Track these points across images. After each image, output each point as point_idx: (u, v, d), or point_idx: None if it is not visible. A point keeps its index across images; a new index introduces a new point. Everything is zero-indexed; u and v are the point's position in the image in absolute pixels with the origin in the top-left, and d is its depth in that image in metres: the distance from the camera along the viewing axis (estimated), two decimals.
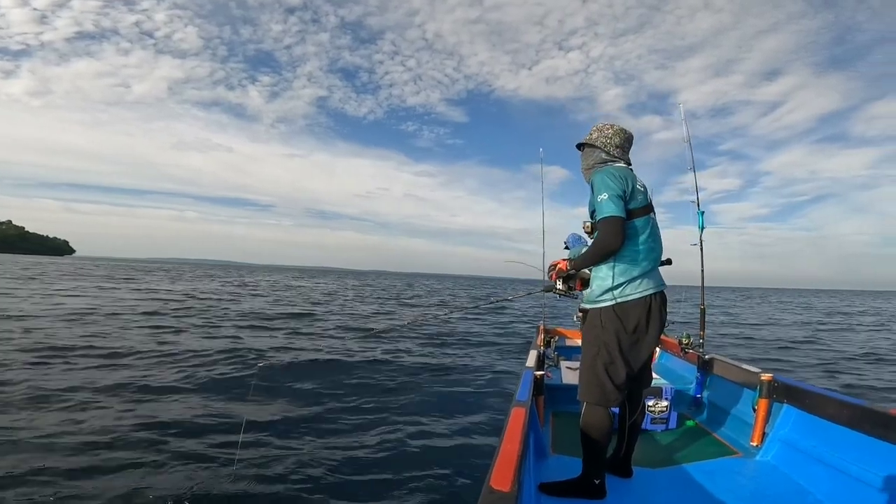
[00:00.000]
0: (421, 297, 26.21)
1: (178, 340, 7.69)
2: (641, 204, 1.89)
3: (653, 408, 2.81)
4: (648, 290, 1.86)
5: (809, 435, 2.19)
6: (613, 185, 1.81)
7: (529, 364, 2.73)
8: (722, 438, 2.67)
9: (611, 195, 1.78)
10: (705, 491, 2.01)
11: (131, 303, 13.50)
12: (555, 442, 2.58)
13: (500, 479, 1.11)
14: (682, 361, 3.74)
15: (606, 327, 1.85)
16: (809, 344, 10.70)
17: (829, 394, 2.20)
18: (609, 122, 2.05)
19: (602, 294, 1.87)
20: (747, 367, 2.77)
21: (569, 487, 1.89)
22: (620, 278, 1.84)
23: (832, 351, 9.64)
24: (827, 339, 11.85)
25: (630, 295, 1.83)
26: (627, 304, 1.83)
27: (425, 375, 6.09)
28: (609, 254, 1.83)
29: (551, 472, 2.10)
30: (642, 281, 1.86)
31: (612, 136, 2.01)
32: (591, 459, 1.86)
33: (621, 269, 1.85)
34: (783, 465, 2.24)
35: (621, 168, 1.94)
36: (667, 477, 2.16)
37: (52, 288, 17.29)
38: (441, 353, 7.81)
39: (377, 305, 17.93)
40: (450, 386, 5.60)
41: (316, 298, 19.82)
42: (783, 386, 2.43)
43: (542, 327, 4.93)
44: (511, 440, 1.41)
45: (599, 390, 1.83)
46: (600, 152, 2.01)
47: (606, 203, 1.78)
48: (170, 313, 11.39)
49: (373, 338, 8.66)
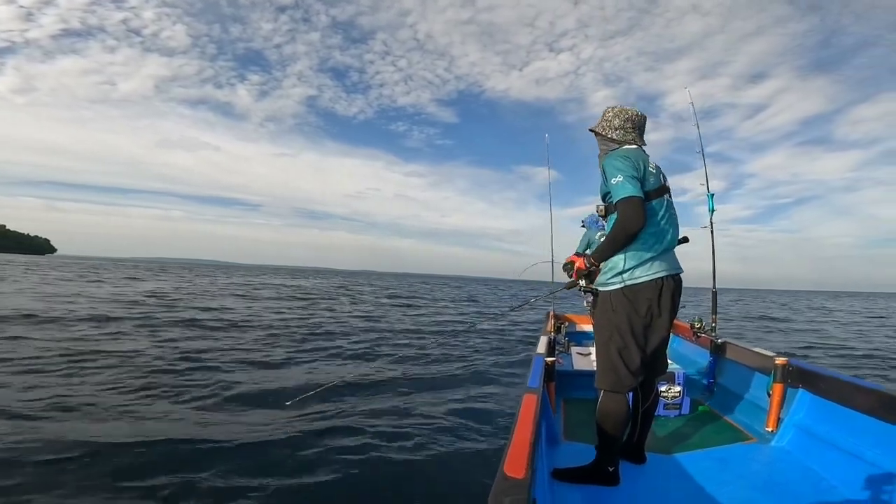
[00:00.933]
0: (410, 297, 23.50)
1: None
2: (655, 185, 1.85)
3: (665, 393, 2.79)
4: (661, 273, 1.82)
5: (825, 420, 2.16)
6: (624, 166, 1.77)
7: (540, 350, 2.72)
8: (736, 423, 2.65)
9: (625, 176, 1.73)
10: (720, 476, 2.00)
11: (77, 304, 11.50)
12: (567, 428, 2.59)
13: (513, 466, 1.12)
14: (695, 346, 3.71)
15: (617, 310, 1.82)
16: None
17: (845, 378, 2.16)
18: (619, 106, 1.99)
19: (612, 277, 1.85)
20: (761, 351, 2.74)
21: (582, 474, 1.90)
22: (632, 261, 1.81)
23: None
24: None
25: (640, 277, 1.81)
26: (638, 286, 1.81)
27: (435, 366, 6.12)
28: (631, 236, 1.74)
29: (564, 458, 2.11)
30: (653, 263, 1.83)
31: (612, 118, 1.97)
32: (606, 447, 1.86)
33: (632, 252, 1.82)
34: (799, 450, 2.22)
35: (631, 149, 1.90)
36: (680, 462, 2.15)
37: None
38: (451, 345, 7.82)
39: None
40: (455, 373, 5.64)
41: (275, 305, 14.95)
42: (798, 370, 2.40)
43: (552, 313, 4.92)
44: (523, 427, 1.41)
45: (614, 375, 1.82)
46: (603, 137, 1.99)
47: (622, 184, 1.72)
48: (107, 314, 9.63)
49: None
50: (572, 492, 1.83)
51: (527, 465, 1.12)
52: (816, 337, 11.48)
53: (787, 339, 11.01)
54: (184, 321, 9.34)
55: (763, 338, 10.90)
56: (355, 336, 8.75)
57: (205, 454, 3.03)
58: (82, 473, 2.73)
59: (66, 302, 11.80)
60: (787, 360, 2.45)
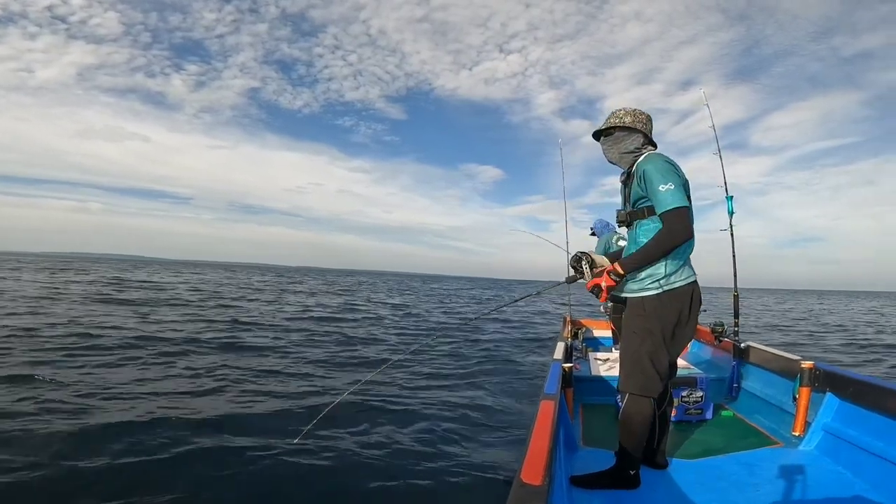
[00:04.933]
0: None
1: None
2: (689, 192, 1.83)
3: (687, 398, 2.74)
4: (692, 278, 1.83)
5: (854, 424, 2.11)
6: (673, 173, 1.75)
7: (557, 356, 2.70)
8: (761, 428, 2.59)
9: (676, 185, 1.70)
10: (747, 482, 1.95)
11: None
12: (585, 434, 2.56)
13: (530, 474, 1.11)
14: (717, 350, 3.63)
15: (651, 315, 1.81)
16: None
17: (873, 381, 2.11)
18: (630, 107, 1.96)
19: (651, 283, 1.82)
20: (787, 355, 2.67)
21: (602, 478, 1.87)
22: (671, 267, 1.79)
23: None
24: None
25: (675, 283, 1.80)
26: (674, 291, 1.79)
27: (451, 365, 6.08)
28: (677, 247, 1.71)
29: (582, 464, 2.08)
30: (686, 268, 1.83)
31: (647, 121, 1.94)
32: (630, 451, 1.84)
33: (672, 259, 1.80)
34: (828, 454, 2.16)
35: (669, 157, 1.86)
36: (704, 468, 2.11)
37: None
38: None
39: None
40: (471, 380, 5.60)
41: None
42: (825, 373, 2.34)
43: (568, 318, 4.88)
44: (541, 434, 1.40)
45: (643, 379, 1.80)
46: (639, 136, 1.91)
47: (674, 193, 1.68)
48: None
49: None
50: (592, 498, 1.81)
51: (544, 472, 1.11)
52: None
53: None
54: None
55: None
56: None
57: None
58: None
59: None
60: (814, 363, 2.40)
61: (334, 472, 2.91)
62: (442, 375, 5.70)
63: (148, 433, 3.28)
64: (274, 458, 3.02)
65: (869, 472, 1.91)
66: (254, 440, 3.27)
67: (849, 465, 2.01)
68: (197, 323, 9.23)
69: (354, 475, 2.89)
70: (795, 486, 1.92)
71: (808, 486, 1.92)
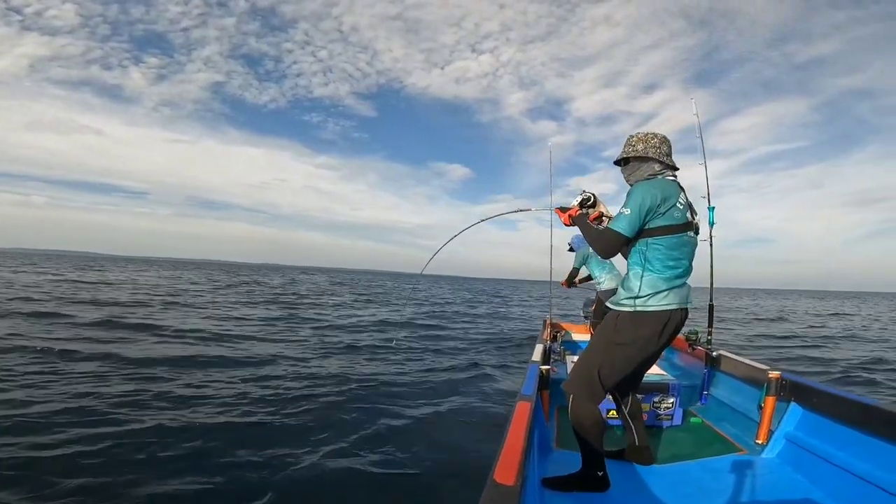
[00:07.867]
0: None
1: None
2: (679, 221, 1.85)
3: (658, 404, 2.80)
4: (671, 306, 1.85)
5: (816, 434, 2.18)
6: (644, 203, 1.80)
7: (535, 358, 2.73)
8: (727, 436, 2.66)
9: (633, 213, 1.80)
10: (710, 488, 2.01)
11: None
12: (559, 437, 2.59)
13: (503, 474, 1.12)
14: (690, 357, 3.72)
15: (619, 331, 1.87)
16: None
17: (837, 392, 2.18)
18: (643, 132, 1.99)
19: (626, 299, 1.88)
20: (755, 364, 2.75)
21: (572, 481, 1.90)
22: (646, 289, 1.84)
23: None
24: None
25: (650, 306, 1.84)
26: (646, 314, 1.84)
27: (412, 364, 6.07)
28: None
29: (555, 466, 2.11)
30: (668, 295, 1.85)
31: (660, 144, 1.95)
32: (588, 451, 1.88)
33: (648, 281, 1.85)
34: (788, 463, 2.23)
35: (667, 182, 1.90)
36: (671, 473, 2.16)
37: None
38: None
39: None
40: (442, 377, 5.61)
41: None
42: (791, 383, 2.41)
43: (548, 321, 4.93)
44: (515, 434, 1.42)
45: (586, 385, 1.87)
46: (653, 163, 1.95)
47: (625, 218, 1.82)
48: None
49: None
50: (562, 500, 1.84)
51: (517, 473, 1.13)
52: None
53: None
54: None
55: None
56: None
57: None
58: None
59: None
60: (781, 373, 2.47)
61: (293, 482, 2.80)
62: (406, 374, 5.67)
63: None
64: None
65: (826, 481, 1.97)
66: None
67: (807, 474, 2.08)
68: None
69: (310, 481, 2.80)
70: (754, 494, 1.98)
71: (766, 493, 1.98)
